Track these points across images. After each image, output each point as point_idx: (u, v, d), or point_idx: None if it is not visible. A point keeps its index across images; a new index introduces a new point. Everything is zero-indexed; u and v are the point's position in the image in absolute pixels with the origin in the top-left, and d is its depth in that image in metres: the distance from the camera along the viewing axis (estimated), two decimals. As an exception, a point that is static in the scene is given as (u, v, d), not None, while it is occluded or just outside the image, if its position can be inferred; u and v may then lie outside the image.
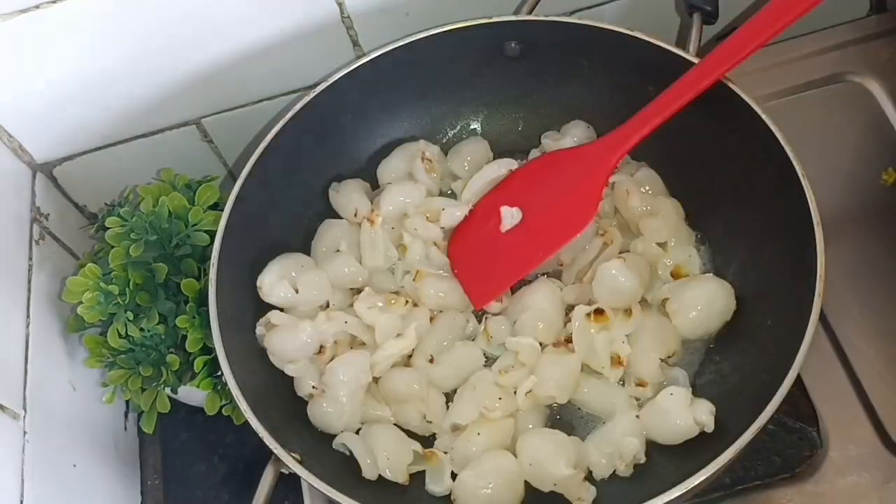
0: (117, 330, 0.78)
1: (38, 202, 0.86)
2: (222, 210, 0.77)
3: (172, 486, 0.90)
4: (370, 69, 0.83)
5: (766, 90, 0.92)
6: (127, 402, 0.91)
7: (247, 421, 0.68)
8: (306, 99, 0.82)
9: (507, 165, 0.84)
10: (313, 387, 0.75)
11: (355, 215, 0.84)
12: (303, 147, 0.84)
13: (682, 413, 0.70)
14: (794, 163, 0.72)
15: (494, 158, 0.87)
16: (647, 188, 0.82)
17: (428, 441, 0.76)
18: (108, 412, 0.89)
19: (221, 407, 0.80)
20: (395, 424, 0.76)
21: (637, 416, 0.72)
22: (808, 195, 0.71)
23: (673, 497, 0.63)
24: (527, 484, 0.72)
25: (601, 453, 0.71)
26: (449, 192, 0.88)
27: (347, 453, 0.74)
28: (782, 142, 0.73)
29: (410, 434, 0.76)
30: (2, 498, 0.69)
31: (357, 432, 0.75)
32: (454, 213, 0.83)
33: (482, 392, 0.74)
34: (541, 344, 0.76)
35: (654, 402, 0.72)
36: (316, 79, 0.85)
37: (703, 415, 0.70)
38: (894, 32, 0.96)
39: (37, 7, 0.75)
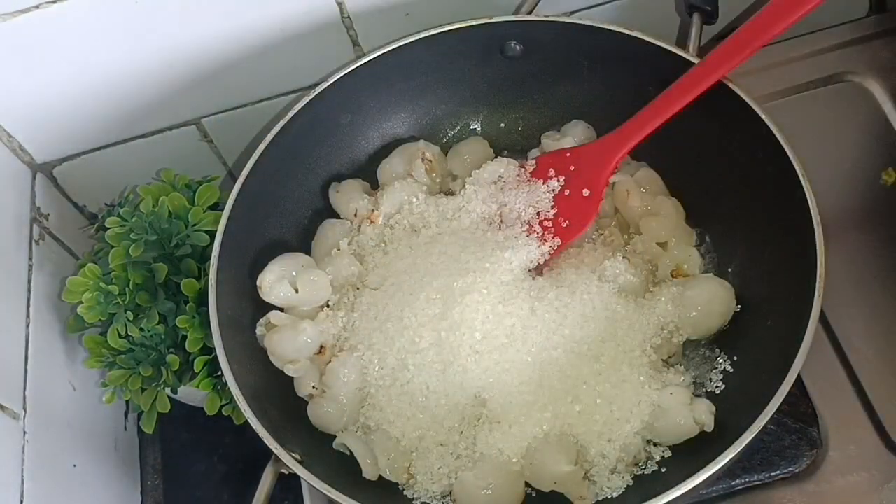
0: (117, 330, 0.78)
1: (38, 202, 0.86)
2: (222, 210, 0.77)
3: (172, 486, 0.90)
4: (370, 69, 0.83)
5: (766, 90, 0.92)
6: (127, 402, 0.91)
7: (247, 421, 0.68)
8: (306, 99, 0.82)
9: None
10: (313, 387, 0.76)
11: (355, 215, 0.84)
12: (303, 147, 0.84)
13: (682, 413, 0.70)
14: (794, 163, 0.72)
15: (494, 158, 0.87)
16: (647, 188, 0.82)
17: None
18: (108, 412, 0.89)
19: (221, 407, 0.80)
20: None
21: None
22: (808, 195, 0.71)
23: (673, 497, 0.63)
24: (527, 484, 0.72)
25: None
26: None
27: (347, 453, 0.74)
28: (782, 142, 0.73)
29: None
30: (2, 498, 0.69)
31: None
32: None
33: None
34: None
35: (654, 402, 0.72)
36: (316, 79, 0.85)
37: (703, 414, 0.70)
38: (894, 32, 0.96)
39: (37, 7, 0.75)
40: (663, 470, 0.70)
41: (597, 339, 0.74)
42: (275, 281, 0.77)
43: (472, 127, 0.91)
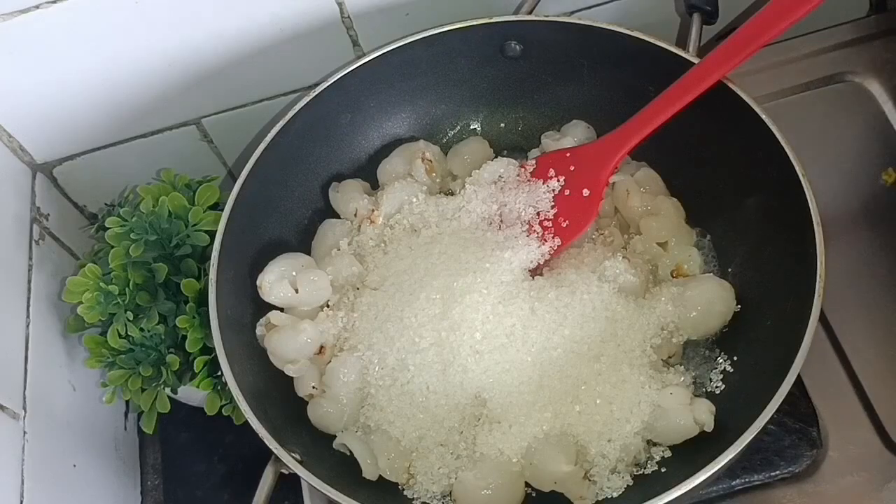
0: (117, 330, 0.78)
1: (38, 202, 0.86)
2: (222, 210, 0.77)
3: (172, 486, 0.90)
4: (370, 69, 0.83)
5: (766, 90, 0.92)
6: (127, 402, 0.91)
7: (247, 421, 0.68)
8: (306, 99, 0.82)
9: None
10: (313, 387, 0.76)
11: (355, 215, 0.84)
12: (303, 147, 0.84)
13: (682, 412, 0.70)
14: (794, 163, 0.72)
15: (494, 158, 0.87)
16: (647, 188, 0.82)
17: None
18: (108, 412, 0.89)
19: (221, 407, 0.80)
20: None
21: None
22: (808, 195, 0.71)
23: (673, 497, 0.63)
24: (527, 484, 0.72)
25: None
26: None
27: (347, 453, 0.74)
28: (782, 142, 0.73)
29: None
30: (2, 498, 0.69)
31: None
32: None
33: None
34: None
35: (654, 402, 0.72)
36: (316, 79, 0.85)
37: (702, 414, 0.70)
38: (894, 32, 0.96)
39: (37, 7, 0.75)
40: (663, 470, 0.70)
41: (597, 339, 0.74)
42: (275, 281, 0.77)
43: (472, 127, 0.91)
